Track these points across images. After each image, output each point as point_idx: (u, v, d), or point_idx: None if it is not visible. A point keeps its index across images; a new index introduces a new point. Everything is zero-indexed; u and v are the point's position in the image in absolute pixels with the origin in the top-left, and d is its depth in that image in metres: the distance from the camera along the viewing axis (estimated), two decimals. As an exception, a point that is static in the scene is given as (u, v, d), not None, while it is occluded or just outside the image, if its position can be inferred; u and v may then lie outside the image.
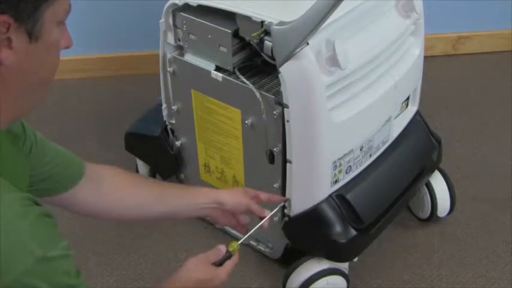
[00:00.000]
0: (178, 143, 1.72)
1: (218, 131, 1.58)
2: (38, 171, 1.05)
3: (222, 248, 1.15)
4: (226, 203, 1.25)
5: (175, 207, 1.25)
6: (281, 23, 1.29)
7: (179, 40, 1.55)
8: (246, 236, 1.23)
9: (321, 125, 1.37)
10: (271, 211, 1.29)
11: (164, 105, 1.69)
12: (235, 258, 1.16)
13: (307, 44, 1.28)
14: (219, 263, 1.14)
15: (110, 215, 1.23)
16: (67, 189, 1.11)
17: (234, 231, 1.75)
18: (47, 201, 1.08)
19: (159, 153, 1.76)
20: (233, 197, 1.26)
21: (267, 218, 1.26)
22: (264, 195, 1.30)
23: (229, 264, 1.15)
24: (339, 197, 1.48)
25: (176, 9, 1.51)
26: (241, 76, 1.46)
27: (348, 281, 1.56)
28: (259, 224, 1.25)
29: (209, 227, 1.79)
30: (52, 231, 0.87)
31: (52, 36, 0.84)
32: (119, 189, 1.20)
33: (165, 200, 1.24)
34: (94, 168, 1.16)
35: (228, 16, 1.42)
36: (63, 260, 0.85)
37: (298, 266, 1.54)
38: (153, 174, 1.89)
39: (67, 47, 0.91)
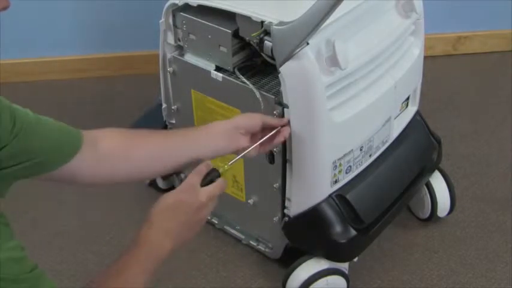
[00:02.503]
0: (178, 143, 1.72)
1: (218, 131, 1.58)
2: (31, 148, 1.01)
3: (204, 168, 1.08)
4: (241, 124, 1.22)
5: (194, 155, 1.19)
6: (281, 23, 1.29)
7: (179, 40, 1.55)
8: (244, 153, 1.19)
9: (321, 125, 1.37)
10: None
11: (164, 105, 1.69)
12: (221, 182, 1.08)
13: (307, 44, 1.28)
14: (203, 183, 1.06)
15: (118, 177, 1.16)
16: (67, 161, 1.06)
17: (234, 231, 1.75)
18: (46, 177, 1.06)
19: (159, 153, 1.76)
20: (245, 117, 1.25)
21: (263, 139, 1.25)
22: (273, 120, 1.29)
23: (214, 186, 1.07)
24: (339, 197, 1.48)
25: (176, 9, 1.51)
26: (241, 76, 1.46)
27: (348, 281, 1.57)
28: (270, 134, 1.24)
29: (209, 227, 1.79)
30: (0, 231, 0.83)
31: None
32: (122, 147, 1.14)
33: (183, 151, 1.18)
34: (90, 134, 1.11)
35: (228, 16, 1.42)
36: (11, 264, 0.82)
37: (298, 266, 1.54)
38: (153, 174, 1.90)
39: (4, 8, 0.84)
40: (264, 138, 1.25)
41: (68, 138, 1.08)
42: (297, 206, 1.50)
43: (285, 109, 1.37)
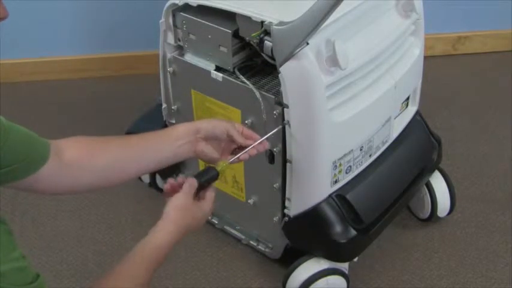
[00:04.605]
0: (178, 143, 1.72)
1: (218, 131, 1.58)
2: (5, 153, 0.99)
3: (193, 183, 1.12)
4: (202, 128, 1.19)
5: (155, 159, 1.19)
6: (281, 23, 1.29)
7: (179, 40, 1.55)
8: (238, 155, 1.19)
9: (321, 125, 1.37)
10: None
11: (164, 105, 1.69)
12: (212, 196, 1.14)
13: (307, 44, 1.28)
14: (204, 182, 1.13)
15: (81, 187, 1.15)
16: (36, 170, 1.04)
17: (234, 231, 1.75)
18: (10, 186, 1.04)
19: (159, 153, 1.75)
20: (210, 122, 1.22)
21: (264, 138, 1.24)
22: (246, 130, 1.24)
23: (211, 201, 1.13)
24: (339, 197, 1.48)
25: (176, 9, 1.51)
26: (241, 76, 1.46)
27: (348, 281, 1.57)
28: (256, 142, 1.22)
29: (209, 227, 1.79)
30: (4, 240, 0.83)
31: None
32: (84, 156, 1.12)
33: (143, 155, 1.17)
34: (55, 144, 1.10)
35: (228, 16, 1.42)
36: (14, 274, 0.82)
37: (298, 266, 1.54)
38: (153, 174, 1.89)
39: (1, 19, 0.85)
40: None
41: (38, 147, 1.06)
42: (297, 206, 1.50)
43: (285, 109, 1.37)
